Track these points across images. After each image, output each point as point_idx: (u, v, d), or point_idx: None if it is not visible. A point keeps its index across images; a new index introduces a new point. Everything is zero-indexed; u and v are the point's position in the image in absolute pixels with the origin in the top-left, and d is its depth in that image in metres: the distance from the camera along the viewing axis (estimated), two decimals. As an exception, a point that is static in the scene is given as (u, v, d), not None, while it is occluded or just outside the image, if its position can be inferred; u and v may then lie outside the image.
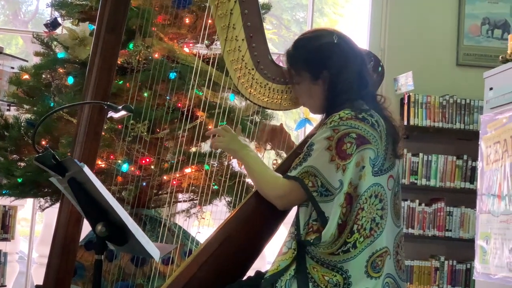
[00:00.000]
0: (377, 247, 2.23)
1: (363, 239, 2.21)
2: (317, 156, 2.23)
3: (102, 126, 2.84)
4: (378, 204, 2.24)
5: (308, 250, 2.23)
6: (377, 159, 2.24)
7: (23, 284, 5.96)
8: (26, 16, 11.11)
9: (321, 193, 2.22)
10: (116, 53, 2.83)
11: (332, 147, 2.21)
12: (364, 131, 2.22)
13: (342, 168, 2.20)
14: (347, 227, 2.21)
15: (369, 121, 2.24)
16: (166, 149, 3.81)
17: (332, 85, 2.33)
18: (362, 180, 2.22)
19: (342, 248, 2.20)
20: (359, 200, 2.21)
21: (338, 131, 2.22)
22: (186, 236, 3.70)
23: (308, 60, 2.35)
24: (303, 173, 2.24)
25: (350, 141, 2.21)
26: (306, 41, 2.40)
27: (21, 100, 4.01)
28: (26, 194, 3.92)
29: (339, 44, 2.35)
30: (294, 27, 10.88)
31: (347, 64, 2.33)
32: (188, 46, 4.02)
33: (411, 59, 5.73)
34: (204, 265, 2.34)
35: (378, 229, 2.24)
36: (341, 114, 2.24)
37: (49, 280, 2.72)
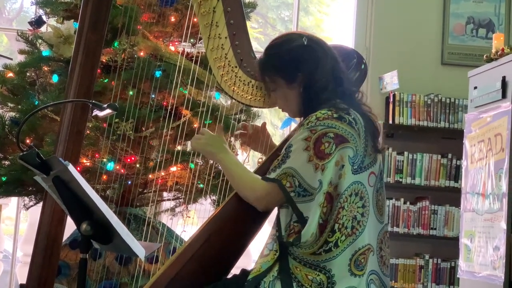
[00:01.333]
0: (359, 245, 2.24)
1: (344, 238, 2.22)
2: (295, 157, 2.23)
3: (85, 124, 2.83)
4: (359, 202, 2.25)
5: (290, 251, 2.23)
6: (356, 157, 2.25)
7: (7, 283, 5.94)
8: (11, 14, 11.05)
9: (299, 193, 2.22)
10: (99, 51, 2.82)
11: (310, 147, 2.22)
12: (341, 130, 2.23)
13: (321, 168, 2.20)
14: (328, 227, 2.21)
15: (346, 119, 2.25)
16: (151, 148, 3.80)
17: (307, 87, 2.33)
18: (342, 179, 2.22)
19: (323, 248, 2.21)
20: (339, 199, 2.22)
21: (315, 131, 2.22)
22: (171, 235, 3.70)
23: (281, 65, 2.35)
24: (282, 174, 2.24)
25: (328, 140, 2.21)
26: (277, 47, 2.40)
27: (5, 99, 3.99)
28: (10, 193, 3.91)
29: (309, 45, 2.35)
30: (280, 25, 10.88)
31: (319, 65, 2.32)
32: (174, 44, 4.02)
33: (396, 58, 5.76)
34: (188, 263, 2.34)
35: (360, 227, 2.24)
36: (317, 114, 2.24)
37: (33, 279, 2.71)
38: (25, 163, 2.03)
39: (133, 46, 3.68)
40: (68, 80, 2.81)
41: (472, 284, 4.51)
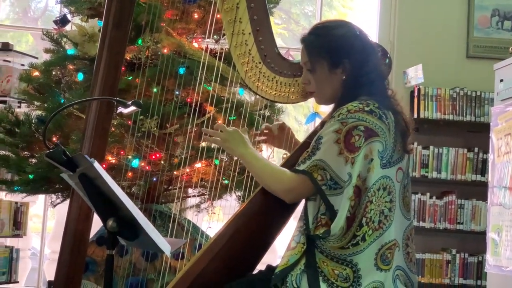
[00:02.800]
0: (386, 240, 2.23)
1: (371, 232, 2.21)
2: (326, 150, 2.23)
3: (110, 121, 2.85)
4: (387, 197, 2.24)
5: (317, 244, 2.23)
6: (385, 152, 2.24)
7: (36, 280, 5.99)
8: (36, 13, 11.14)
9: (330, 186, 2.22)
10: (123, 48, 2.83)
11: (341, 140, 2.21)
12: (372, 124, 2.22)
13: (351, 161, 2.20)
14: (356, 220, 2.21)
15: (377, 113, 2.24)
16: (175, 144, 3.81)
17: (352, 76, 2.32)
18: (371, 172, 2.21)
19: (351, 242, 2.20)
20: (367, 193, 2.21)
21: (346, 124, 2.22)
22: (196, 231, 3.71)
23: (331, 48, 2.33)
24: (312, 167, 2.24)
25: (358, 133, 2.21)
26: (329, 29, 2.39)
27: (31, 97, 4.03)
28: (37, 191, 3.95)
29: (361, 36, 2.36)
30: (303, 21, 10.86)
31: (368, 58, 2.33)
32: (197, 41, 4.02)
33: (421, 51, 5.72)
34: (214, 260, 2.35)
35: (387, 222, 2.24)
36: (348, 107, 2.24)
37: (60, 276, 2.73)
38: (51, 160, 2.05)
39: (156, 43, 3.69)
40: (93, 78, 2.82)
41: (500, 279, 4.47)
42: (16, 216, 5.04)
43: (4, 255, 4.96)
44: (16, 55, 5.16)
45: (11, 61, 5.10)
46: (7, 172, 4.37)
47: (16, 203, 5.01)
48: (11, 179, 4.18)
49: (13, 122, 3.99)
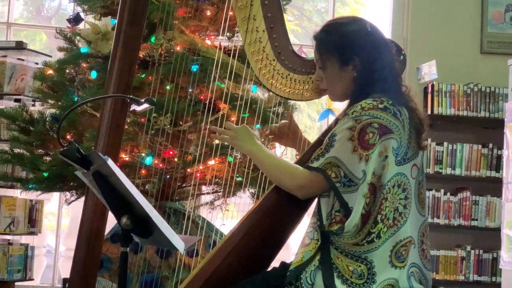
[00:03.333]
0: (401, 237, 2.23)
1: (386, 229, 2.21)
2: (340, 147, 2.22)
3: (125, 119, 2.85)
4: (401, 194, 2.23)
5: (332, 240, 2.23)
6: (400, 149, 2.23)
7: (51, 277, 6.02)
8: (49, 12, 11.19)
9: (344, 183, 2.21)
10: (137, 46, 2.84)
11: (355, 137, 2.21)
12: (386, 121, 2.21)
13: (365, 158, 2.19)
14: (371, 217, 2.20)
15: (391, 110, 2.23)
16: (189, 142, 3.82)
17: (364, 73, 2.31)
18: (386, 170, 2.21)
19: (366, 239, 2.20)
20: (382, 190, 2.21)
21: (360, 121, 2.21)
22: (210, 228, 3.71)
23: (341, 45, 2.32)
24: (326, 164, 2.23)
25: (373, 131, 2.20)
26: (339, 25, 2.38)
27: (45, 95, 4.04)
28: (52, 188, 3.96)
29: (372, 33, 2.34)
30: (316, 17, 10.84)
31: (380, 55, 2.32)
32: (210, 38, 4.02)
33: (434, 47, 5.69)
34: (228, 257, 2.35)
35: (402, 219, 2.23)
36: (362, 104, 2.23)
37: (75, 273, 2.75)
38: (65, 158, 2.05)
39: (169, 41, 3.70)
40: (107, 76, 2.83)
41: (515, 275, 4.45)
42: (31, 214, 5.08)
43: (20, 253, 5.00)
44: (30, 53, 5.19)
45: (25, 60, 5.12)
46: (22, 170, 4.40)
47: (31, 200, 5.04)
48: (26, 177, 4.20)
49: (27, 120, 4.01)
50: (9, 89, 5.04)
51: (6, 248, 4.91)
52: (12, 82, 5.05)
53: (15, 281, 4.98)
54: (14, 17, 6.68)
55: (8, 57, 5.12)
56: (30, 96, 4.91)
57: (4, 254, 4.88)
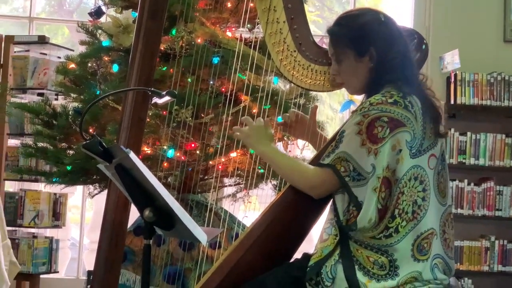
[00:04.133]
0: (422, 230, 2.21)
1: (405, 223, 2.19)
2: (348, 141, 2.22)
3: (146, 112, 2.86)
4: (419, 186, 2.22)
5: (350, 234, 2.22)
6: (414, 141, 2.21)
7: (75, 269, 6.07)
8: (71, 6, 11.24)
9: (354, 177, 2.20)
10: (158, 39, 2.84)
11: (363, 131, 2.19)
12: (397, 114, 2.19)
13: (374, 152, 2.18)
14: (388, 212, 2.19)
15: (402, 103, 2.21)
16: (210, 134, 3.82)
17: (379, 63, 2.30)
18: (400, 163, 2.19)
19: (383, 233, 2.19)
20: (398, 184, 2.19)
21: (368, 115, 2.20)
22: (232, 220, 3.72)
23: (355, 37, 2.31)
24: (336, 159, 2.23)
25: (382, 124, 2.18)
26: (352, 18, 2.37)
27: (68, 89, 4.07)
28: (75, 182, 3.99)
29: (386, 23, 2.33)
30: (337, 7, 10.78)
31: (394, 44, 2.30)
32: (231, 30, 4.02)
33: (457, 36, 5.64)
34: (250, 249, 2.35)
35: (421, 211, 2.22)
36: (371, 100, 2.22)
37: (99, 265, 2.76)
38: (88, 151, 2.07)
39: (190, 33, 3.70)
40: (129, 69, 2.84)
41: (540, 266, 4.42)
42: (55, 207, 5.12)
43: (44, 246, 5.04)
44: (53, 47, 5.21)
45: (47, 54, 5.15)
46: (45, 164, 4.43)
47: (55, 194, 5.08)
48: (50, 170, 4.24)
49: (50, 114, 4.04)
50: (32, 83, 5.08)
51: (31, 241, 4.96)
52: (35, 76, 5.08)
53: (40, 274, 5.03)
54: (37, 12, 6.72)
55: (30, 51, 5.16)
56: (53, 90, 4.94)
57: (29, 247, 4.93)
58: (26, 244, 4.93)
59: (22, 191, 5.06)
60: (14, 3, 9.45)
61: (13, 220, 4.96)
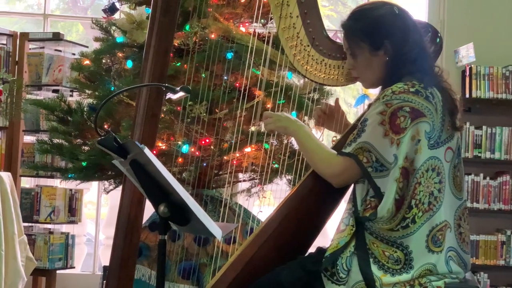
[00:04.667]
0: (437, 221, 2.21)
1: (421, 214, 2.19)
2: (371, 131, 2.21)
3: (160, 108, 2.86)
4: (436, 178, 2.21)
5: (366, 226, 2.22)
6: (432, 132, 2.21)
7: (92, 265, 6.10)
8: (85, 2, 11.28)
9: (376, 168, 2.20)
10: (171, 35, 2.84)
11: (386, 121, 2.19)
12: (418, 104, 2.19)
13: (396, 143, 2.18)
14: (405, 202, 2.19)
15: (423, 93, 2.21)
16: (225, 129, 3.82)
17: (394, 56, 2.29)
18: (418, 154, 2.19)
19: (401, 224, 2.19)
20: (415, 174, 2.19)
21: (391, 105, 2.19)
22: (247, 215, 3.72)
23: (370, 30, 2.31)
24: (358, 149, 2.22)
25: (404, 115, 2.18)
26: (366, 11, 2.36)
27: (82, 86, 4.08)
28: (90, 177, 4.01)
29: (400, 15, 2.32)
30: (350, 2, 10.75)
31: (409, 37, 2.30)
32: (244, 25, 4.02)
33: (472, 30, 5.60)
34: (265, 243, 2.36)
35: (437, 203, 2.21)
36: (393, 88, 2.21)
37: (115, 261, 2.78)
38: (103, 147, 2.07)
39: (204, 29, 3.70)
40: (142, 65, 2.84)
41: (557, 260, 4.39)
42: (71, 203, 5.14)
43: (60, 241, 5.07)
44: (67, 44, 5.23)
45: (62, 51, 5.17)
46: (61, 160, 4.45)
47: (71, 190, 5.10)
48: (65, 166, 4.25)
49: (65, 110, 4.05)
50: (47, 80, 5.10)
51: (47, 237, 4.99)
52: (50, 73, 5.10)
53: (56, 269, 5.05)
54: (51, 9, 6.75)
55: (45, 48, 5.18)
56: (68, 86, 4.96)
57: (46, 243, 4.96)
58: (42, 240, 4.96)
59: (38, 187, 5.09)
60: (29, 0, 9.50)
61: (30, 216, 4.99)
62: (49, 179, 5.21)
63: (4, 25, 6.29)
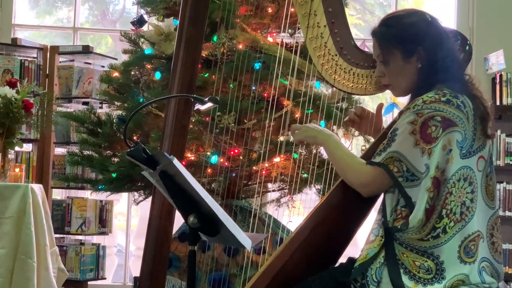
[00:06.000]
0: (469, 231, 2.18)
1: (453, 224, 2.16)
2: (401, 141, 2.20)
3: (189, 119, 2.88)
4: (468, 188, 2.19)
5: (396, 236, 2.20)
6: (464, 141, 2.19)
7: (122, 276, 6.13)
8: (114, 15, 11.37)
9: (407, 178, 2.18)
10: (199, 46, 2.86)
11: (416, 131, 2.17)
12: (449, 114, 2.17)
13: (428, 152, 2.16)
14: (435, 212, 2.16)
15: (454, 103, 2.19)
16: (253, 140, 3.83)
17: (427, 63, 2.28)
18: (450, 163, 2.17)
19: (431, 234, 2.16)
20: (446, 184, 2.17)
21: (422, 114, 2.18)
22: (277, 225, 3.72)
23: (403, 36, 2.30)
24: (388, 159, 2.21)
25: (435, 124, 2.16)
26: (399, 18, 2.35)
27: (112, 97, 4.11)
28: (120, 189, 4.03)
29: (433, 22, 2.32)
30: (378, 11, 10.71)
31: (443, 44, 2.29)
32: (272, 35, 4.02)
33: (502, 36, 5.56)
34: (295, 253, 2.34)
35: (469, 213, 2.19)
36: (424, 97, 2.20)
37: (145, 272, 2.79)
38: (132, 159, 2.08)
39: (231, 40, 3.71)
40: (171, 76, 2.86)
41: None
42: (101, 214, 5.18)
43: (91, 252, 5.10)
44: (97, 57, 5.29)
45: (91, 63, 5.23)
46: (91, 172, 4.49)
47: (101, 201, 5.14)
48: (96, 178, 4.29)
49: (95, 122, 4.09)
50: (77, 92, 5.15)
51: (79, 248, 5.03)
52: (80, 86, 5.16)
53: (88, 280, 5.09)
54: (80, 22, 6.82)
55: (75, 61, 5.23)
56: (97, 98, 5.01)
57: (77, 254, 5.00)
58: (73, 251, 5.00)
59: (69, 199, 5.13)
60: (59, 14, 9.61)
61: (61, 227, 5.04)
62: (80, 191, 5.25)
63: (34, 39, 6.37)
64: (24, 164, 4.95)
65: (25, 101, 3.86)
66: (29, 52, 5.32)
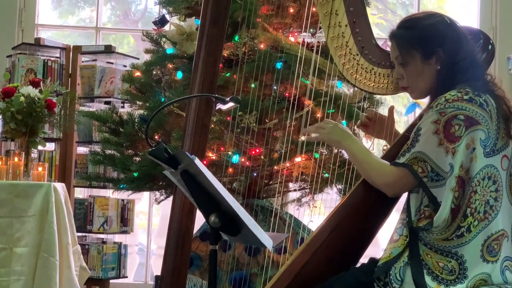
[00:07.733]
0: (493, 230, 2.17)
1: (477, 223, 2.16)
2: (425, 141, 2.19)
3: (210, 118, 2.88)
4: (492, 186, 2.18)
5: (420, 236, 2.19)
6: (488, 140, 2.18)
7: (144, 274, 6.15)
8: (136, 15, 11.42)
9: (432, 178, 2.18)
10: (220, 45, 2.86)
11: (440, 130, 2.17)
12: (472, 112, 2.16)
13: (452, 152, 2.15)
14: (460, 211, 2.16)
15: (477, 101, 2.18)
16: (275, 139, 3.83)
17: (446, 65, 2.28)
18: (474, 162, 2.16)
19: (456, 233, 2.16)
20: (471, 183, 2.16)
21: (445, 114, 2.17)
22: (298, 225, 3.71)
23: (422, 38, 2.30)
24: (412, 159, 2.20)
25: (458, 123, 2.15)
26: (418, 20, 2.36)
27: (134, 97, 4.13)
28: (142, 188, 4.04)
29: (452, 25, 2.31)
30: (400, 10, 10.66)
31: (462, 45, 2.29)
32: (293, 35, 4.02)
33: (525, 35, 5.51)
34: (316, 253, 2.34)
35: (493, 212, 2.18)
36: (447, 96, 2.19)
37: (167, 271, 2.80)
38: (154, 158, 2.09)
39: (253, 39, 3.72)
40: (192, 76, 2.87)
41: None
42: (123, 213, 5.19)
43: (113, 251, 5.13)
44: (119, 56, 5.31)
45: (114, 63, 5.25)
46: (113, 171, 4.51)
47: (123, 200, 5.16)
48: (117, 177, 4.31)
49: (117, 122, 4.11)
50: (99, 92, 5.18)
51: (101, 246, 5.05)
52: (102, 85, 5.18)
53: (109, 279, 5.11)
54: (103, 22, 6.86)
55: (97, 60, 5.26)
56: (119, 98, 5.02)
57: (99, 252, 5.02)
58: (95, 250, 5.02)
59: (91, 198, 5.16)
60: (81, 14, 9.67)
61: (83, 226, 5.06)
62: (102, 190, 5.28)
63: (57, 39, 6.42)
64: (47, 163, 4.98)
65: (48, 100, 3.90)
66: (52, 52, 5.35)
